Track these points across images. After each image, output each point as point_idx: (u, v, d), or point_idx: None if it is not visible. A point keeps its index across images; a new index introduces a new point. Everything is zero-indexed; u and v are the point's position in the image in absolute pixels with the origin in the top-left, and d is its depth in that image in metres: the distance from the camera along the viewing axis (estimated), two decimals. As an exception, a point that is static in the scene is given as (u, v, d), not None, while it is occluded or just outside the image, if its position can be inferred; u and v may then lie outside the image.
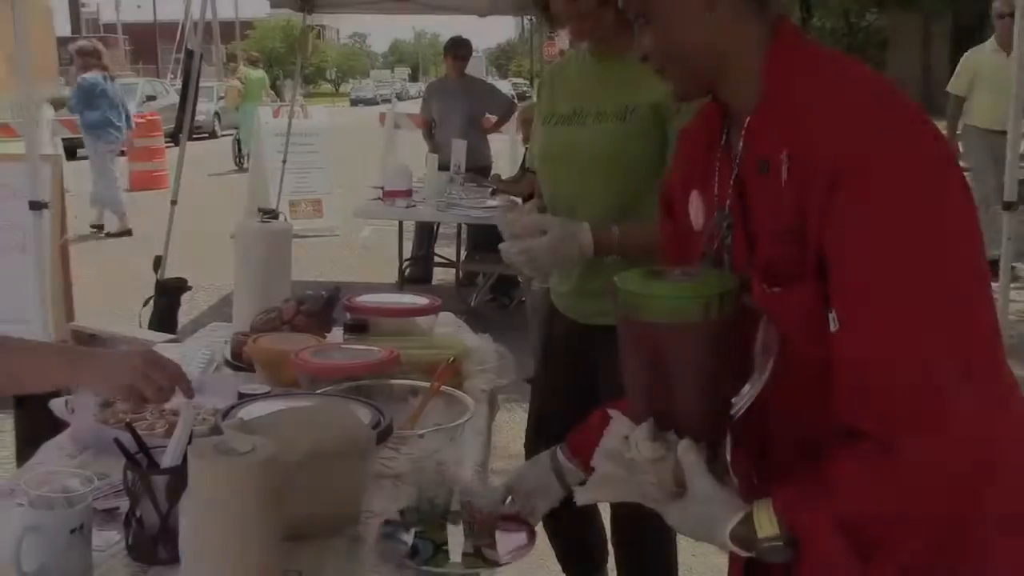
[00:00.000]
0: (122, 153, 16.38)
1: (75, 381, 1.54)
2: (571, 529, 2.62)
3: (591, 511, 2.64)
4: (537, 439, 2.47)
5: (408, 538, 1.55)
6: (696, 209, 1.43)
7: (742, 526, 1.20)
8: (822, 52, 1.32)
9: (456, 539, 1.55)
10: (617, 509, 2.47)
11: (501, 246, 2.20)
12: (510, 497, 1.64)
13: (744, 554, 1.21)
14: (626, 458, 1.28)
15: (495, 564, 1.53)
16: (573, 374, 2.38)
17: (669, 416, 1.28)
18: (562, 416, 2.34)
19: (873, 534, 1.15)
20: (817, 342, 1.21)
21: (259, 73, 14.16)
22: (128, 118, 10.07)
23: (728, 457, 1.33)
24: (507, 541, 1.57)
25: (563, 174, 2.32)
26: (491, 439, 2.20)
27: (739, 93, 1.33)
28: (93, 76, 9.51)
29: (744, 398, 1.28)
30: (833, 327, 1.18)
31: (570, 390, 2.37)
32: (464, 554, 1.52)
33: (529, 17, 10.21)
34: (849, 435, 1.17)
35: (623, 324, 1.32)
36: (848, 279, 1.17)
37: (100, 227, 10.32)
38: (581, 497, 1.33)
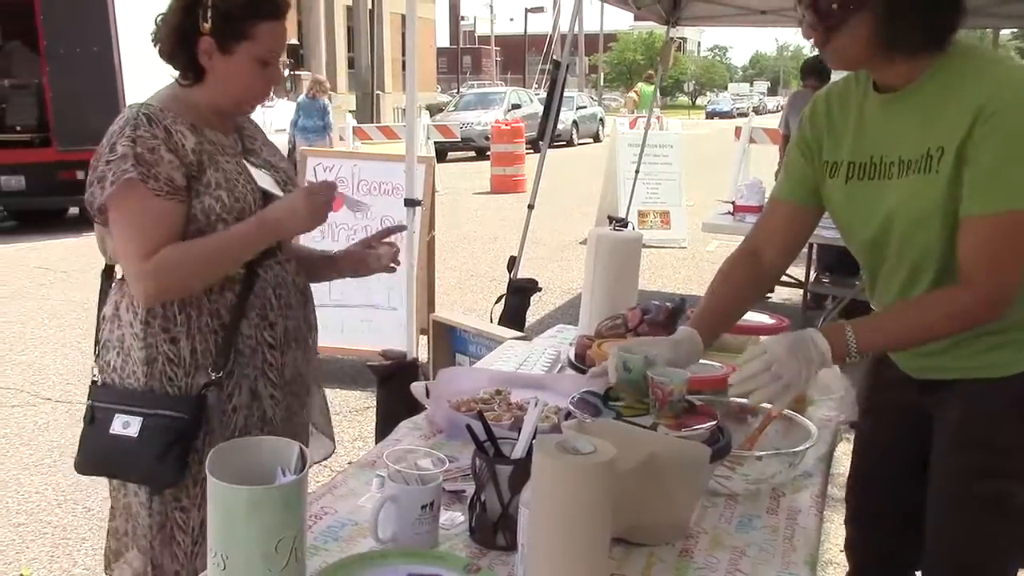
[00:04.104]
0: (486, 157, 17.65)
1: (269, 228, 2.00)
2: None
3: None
4: (857, 488, 2.22)
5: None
6: None
7: None
8: None
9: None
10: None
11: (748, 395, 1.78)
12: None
13: None
14: None
15: None
16: (900, 426, 2.07)
17: None
18: (885, 466, 2.12)
19: None
20: None
21: (651, 87, 14.71)
22: (324, 128, 13.53)
23: None
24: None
25: (882, 245, 1.89)
26: (830, 470, 2.11)
27: None
28: (301, 97, 13.90)
29: None
30: None
31: (897, 442, 2.09)
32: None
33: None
34: None
35: None
36: None
37: None
38: None
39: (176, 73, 2.05)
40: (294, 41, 21.53)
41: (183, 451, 1.95)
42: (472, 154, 21.82)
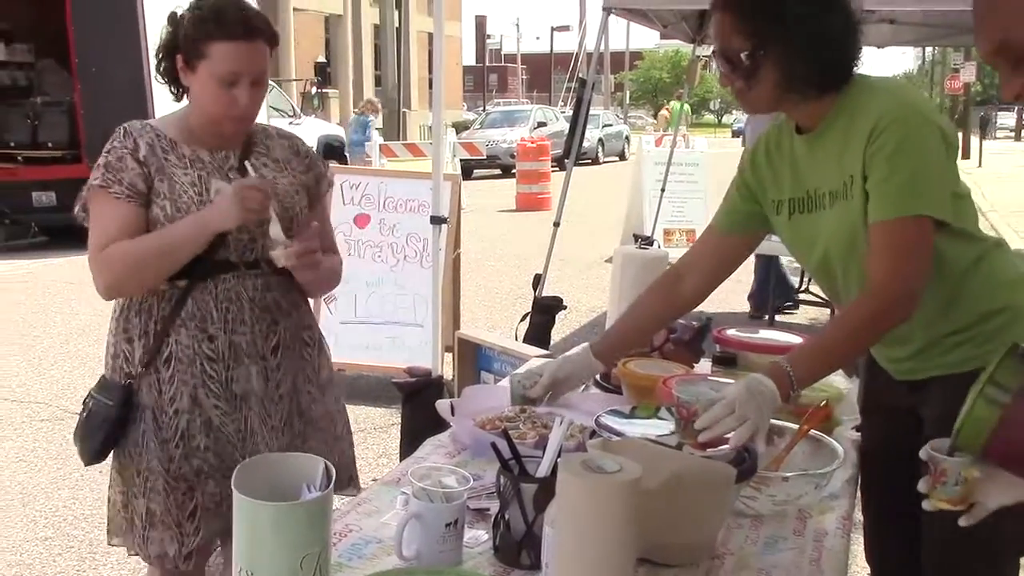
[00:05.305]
0: (511, 174, 17.81)
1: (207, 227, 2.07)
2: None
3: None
4: (866, 491, 2.23)
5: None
6: None
7: None
8: None
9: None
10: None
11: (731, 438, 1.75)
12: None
13: None
14: None
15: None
16: (895, 426, 2.11)
17: None
18: (886, 465, 2.14)
19: None
20: None
21: (680, 104, 14.83)
22: (362, 143, 15.54)
23: None
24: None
25: (829, 269, 2.01)
26: (857, 491, 2.09)
27: None
28: (353, 115, 16.96)
29: None
30: None
31: (893, 442, 2.11)
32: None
33: (932, 48, 9.62)
34: None
35: None
36: None
37: None
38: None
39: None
40: (321, 59, 21.68)
41: (106, 435, 2.16)
42: (498, 172, 21.87)
